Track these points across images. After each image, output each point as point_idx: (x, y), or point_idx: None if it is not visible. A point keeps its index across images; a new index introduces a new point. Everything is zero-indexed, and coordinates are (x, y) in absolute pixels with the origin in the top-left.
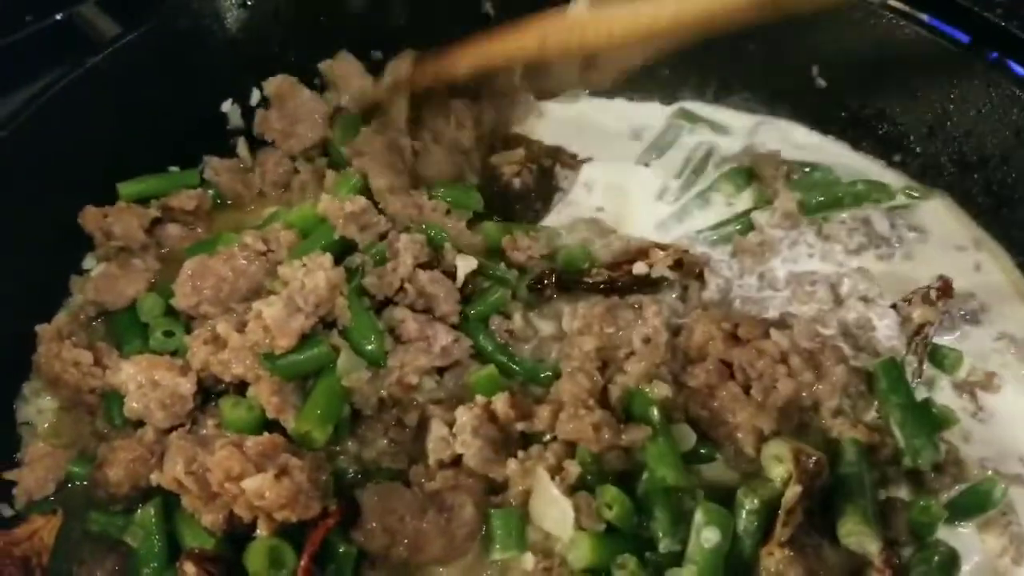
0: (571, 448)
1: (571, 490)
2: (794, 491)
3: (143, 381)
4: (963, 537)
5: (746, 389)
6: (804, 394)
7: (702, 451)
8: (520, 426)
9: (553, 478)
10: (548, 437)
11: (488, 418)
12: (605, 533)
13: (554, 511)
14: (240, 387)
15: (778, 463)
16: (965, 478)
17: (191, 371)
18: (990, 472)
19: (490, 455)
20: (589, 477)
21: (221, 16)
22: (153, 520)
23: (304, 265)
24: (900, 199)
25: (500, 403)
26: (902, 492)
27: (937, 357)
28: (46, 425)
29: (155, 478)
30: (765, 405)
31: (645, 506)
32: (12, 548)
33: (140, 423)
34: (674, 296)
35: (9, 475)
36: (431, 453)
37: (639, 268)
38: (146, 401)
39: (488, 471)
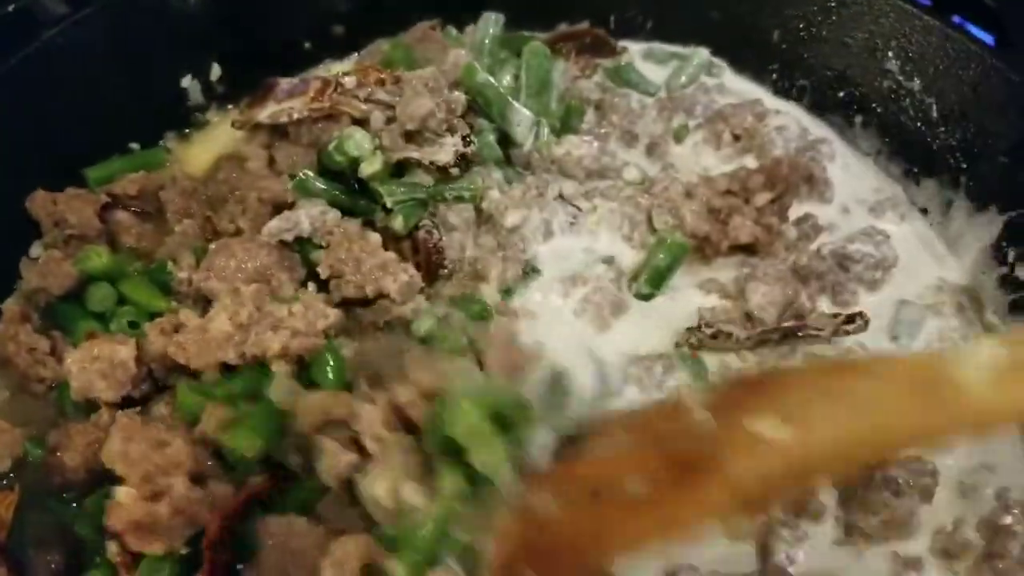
0: None
1: None
2: None
3: (83, 358)
4: None
5: None
6: None
7: None
8: None
9: None
10: None
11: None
12: None
13: None
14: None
15: None
16: None
17: (131, 341)
18: None
19: None
20: None
21: None
22: (99, 509)
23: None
24: None
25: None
26: None
27: None
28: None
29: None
30: None
31: None
32: None
33: (93, 410)
34: None
35: None
36: (323, 474)
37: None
38: (87, 375)
39: None
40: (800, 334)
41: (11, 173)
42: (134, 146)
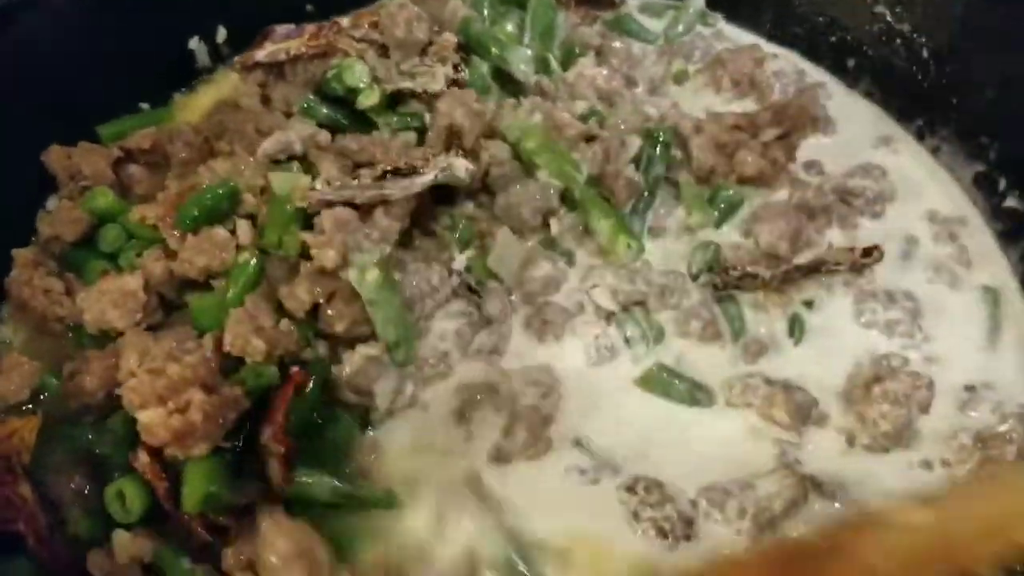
0: None
1: None
2: None
3: (95, 294)
4: None
5: None
6: None
7: None
8: None
9: None
10: None
11: None
12: None
13: None
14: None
15: None
16: None
17: (137, 271)
18: None
19: None
20: None
21: None
22: (123, 427)
23: None
24: None
25: None
26: None
27: None
28: (19, 343)
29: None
30: None
31: None
32: None
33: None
34: None
35: None
36: None
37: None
38: (100, 307)
39: None
40: (823, 269)
41: (26, 133)
42: (144, 106)
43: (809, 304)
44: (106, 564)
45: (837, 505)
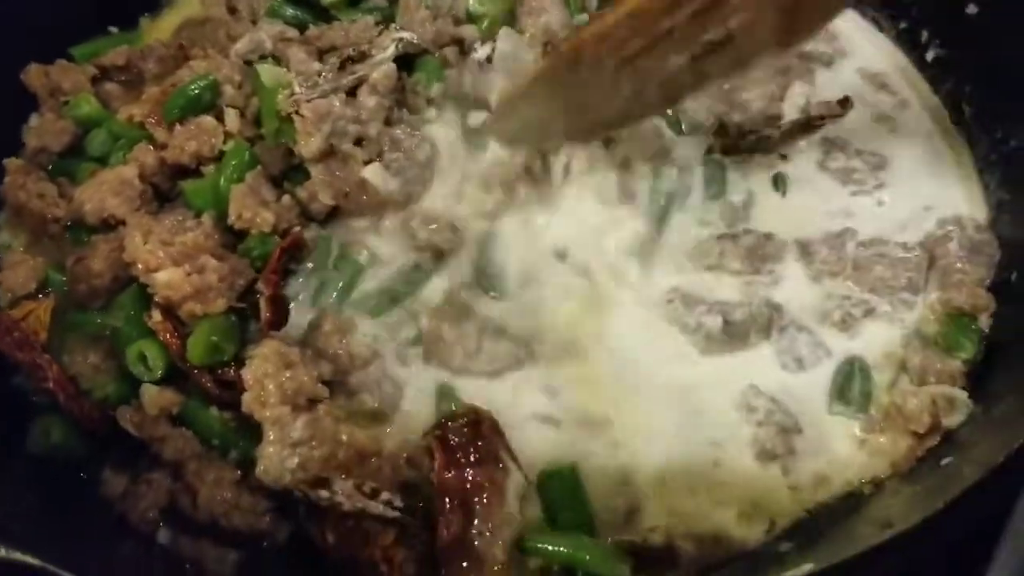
0: None
1: None
2: None
3: (93, 185)
4: None
5: None
6: None
7: None
8: None
9: None
10: None
11: None
12: None
13: None
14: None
15: None
16: None
17: (131, 163)
18: None
19: None
20: None
21: None
22: (131, 302)
23: None
24: None
25: None
26: None
27: None
28: (21, 249)
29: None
30: None
31: None
32: (11, 328)
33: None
34: None
35: None
36: None
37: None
38: (99, 197)
39: None
40: (813, 124)
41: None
42: (113, 30)
43: (785, 157)
44: (135, 417)
45: None
